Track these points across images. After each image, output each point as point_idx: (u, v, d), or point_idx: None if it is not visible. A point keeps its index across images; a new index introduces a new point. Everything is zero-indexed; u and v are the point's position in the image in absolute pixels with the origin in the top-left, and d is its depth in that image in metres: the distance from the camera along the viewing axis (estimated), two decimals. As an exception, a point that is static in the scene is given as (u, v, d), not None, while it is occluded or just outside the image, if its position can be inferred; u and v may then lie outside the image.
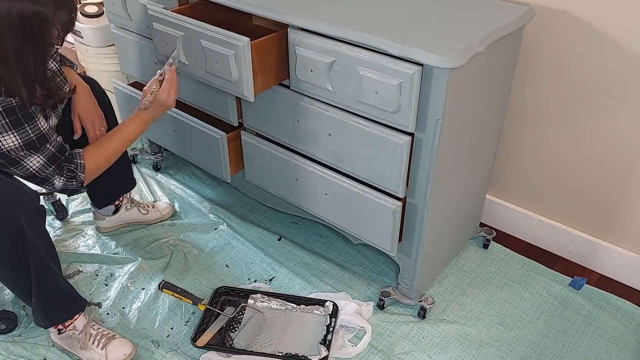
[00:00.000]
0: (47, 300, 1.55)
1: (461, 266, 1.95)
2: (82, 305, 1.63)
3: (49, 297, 1.55)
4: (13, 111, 1.34)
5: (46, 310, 1.57)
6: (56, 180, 1.46)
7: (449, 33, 1.40)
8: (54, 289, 1.55)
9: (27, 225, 1.42)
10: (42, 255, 1.48)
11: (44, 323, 1.60)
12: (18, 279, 1.50)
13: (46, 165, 1.43)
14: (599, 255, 1.91)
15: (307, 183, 1.75)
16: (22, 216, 1.41)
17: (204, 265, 1.95)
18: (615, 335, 1.72)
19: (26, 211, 1.43)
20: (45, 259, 1.49)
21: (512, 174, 2.00)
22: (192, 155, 2.03)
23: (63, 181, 1.47)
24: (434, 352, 1.67)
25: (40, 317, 1.58)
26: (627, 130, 1.68)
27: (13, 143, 1.36)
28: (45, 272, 1.50)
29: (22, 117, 1.36)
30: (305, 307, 1.76)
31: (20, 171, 1.43)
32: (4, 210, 1.38)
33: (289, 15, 1.50)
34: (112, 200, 2.02)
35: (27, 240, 1.43)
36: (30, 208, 1.44)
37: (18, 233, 1.41)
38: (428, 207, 1.54)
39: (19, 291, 1.56)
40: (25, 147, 1.38)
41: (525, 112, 1.86)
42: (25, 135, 1.37)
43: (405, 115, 1.40)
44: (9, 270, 1.49)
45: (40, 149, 1.41)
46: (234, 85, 1.55)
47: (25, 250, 1.44)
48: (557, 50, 1.70)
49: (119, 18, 2.03)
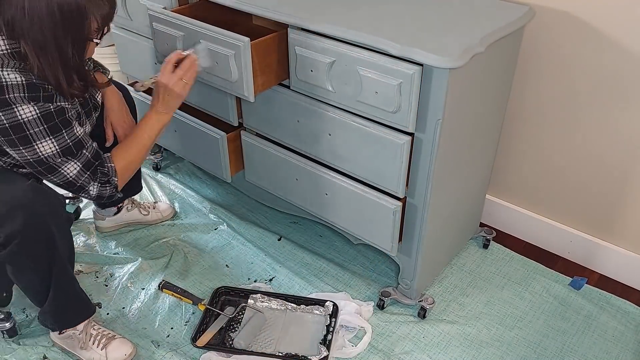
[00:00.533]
0: (61, 305, 1.54)
1: (461, 266, 1.95)
2: (92, 311, 1.63)
3: (65, 302, 1.54)
4: (51, 117, 1.32)
5: (58, 315, 1.56)
6: (91, 187, 1.43)
7: (449, 33, 1.40)
8: (71, 295, 1.55)
9: (57, 232, 1.40)
10: (65, 262, 1.47)
11: (53, 326, 1.59)
12: (38, 283, 1.48)
13: (82, 171, 1.40)
14: (599, 255, 1.91)
15: (307, 183, 1.75)
16: (54, 224, 1.39)
17: (204, 265, 1.95)
18: (615, 335, 1.72)
19: (57, 218, 1.41)
20: (67, 266, 1.49)
21: (512, 174, 2.00)
22: (192, 155, 2.03)
23: (98, 187, 1.44)
24: (434, 352, 1.67)
25: (50, 320, 1.57)
26: (627, 130, 1.69)
27: (50, 149, 1.34)
28: (65, 278, 1.50)
29: (60, 122, 1.34)
30: (305, 307, 1.76)
31: (58, 178, 1.39)
32: (37, 217, 1.36)
33: (288, 15, 1.49)
34: (118, 203, 2.02)
35: (57, 248, 1.42)
36: (61, 215, 1.43)
37: (49, 240, 1.40)
38: (428, 207, 1.54)
39: (35, 294, 1.53)
40: (63, 153, 1.36)
41: (525, 112, 1.86)
42: (63, 141, 1.35)
43: (405, 115, 1.40)
44: (32, 274, 1.46)
45: (77, 154, 1.39)
46: (234, 85, 1.55)
47: (52, 256, 1.43)
48: (557, 50, 1.70)
49: (119, 18, 2.03)
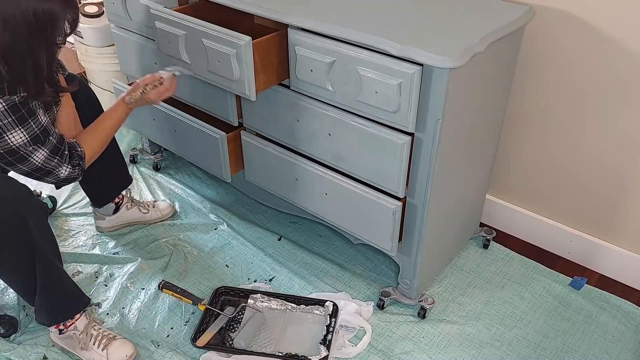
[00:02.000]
0: (50, 298, 1.55)
1: (461, 266, 1.95)
2: (86, 302, 1.63)
3: (53, 294, 1.55)
4: (17, 108, 1.36)
5: (49, 308, 1.57)
6: (62, 170, 1.48)
7: (449, 33, 1.40)
8: (58, 287, 1.55)
9: (33, 223, 1.42)
10: (47, 253, 1.48)
11: (48, 321, 1.59)
12: (23, 277, 1.50)
13: (50, 157, 1.45)
14: (599, 255, 1.91)
15: (307, 183, 1.75)
16: (28, 214, 1.41)
17: (204, 265, 1.95)
18: (615, 335, 1.72)
19: (32, 209, 1.43)
20: (50, 256, 1.50)
21: (512, 174, 2.00)
22: (192, 155, 2.03)
23: (69, 170, 1.50)
24: (434, 352, 1.66)
25: (43, 315, 1.58)
26: (627, 130, 1.69)
27: (21, 139, 1.38)
28: (50, 270, 1.51)
29: (26, 112, 1.38)
30: (305, 307, 1.76)
31: (27, 166, 1.43)
32: (10, 208, 1.39)
33: (288, 15, 1.50)
34: (111, 197, 2.02)
35: (34, 238, 1.44)
36: (35, 205, 1.45)
37: (24, 231, 1.42)
38: (428, 207, 1.54)
39: (23, 290, 1.56)
40: (32, 141, 1.40)
41: (525, 112, 1.86)
42: (31, 130, 1.39)
43: (405, 115, 1.40)
44: (14, 268, 1.49)
45: (45, 142, 1.43)
46: (236, 84, 1.55)
47: (31, 248, 1.44)
48: (557, 50, 1.70)
49: (119, 18, 2.03)
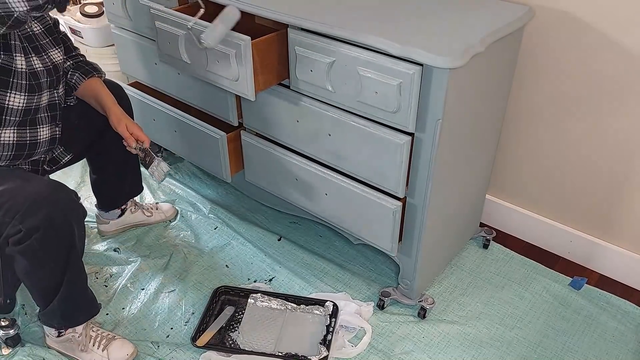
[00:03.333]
0: (69, 304, 1.53)
1: (461, 266, 1.95)
2: (98, 309, 1.62)
3: (73, 301, 1.53)
4: None
5: (65, 313, 1.54)
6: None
7: (449, 33, 1.40)
8: (80, 293, 1.54)
9: (76, 227, 1.41)
10: (80, 259, 1.47)
11: (58, 325, 1.57)
12: (50, 280, 1.47)
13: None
14: (599, 255, 1.91)
15: (307, 183, 1.75)
16: (74, 219, 1.39)
17: (204, 265, 1.95)
18: (615, 335, 1.72)
19: (76, 214, 1.41)
20: (81, 264, 1.49)
21: (512, 174, 2.00)
22: (192, 155, 2.03)
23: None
24: (434, 352, 1.66)
25: (55, 319, 1.55)
26: (627, 130, 1.69)
27: None
28: (78, 276, 1.50)
29: None
30: (305, 307, 1.76)
31: None
32: (59, 211, 1.35)
33: (288, 15, 1.49)
34: (120, 203, 2.02)
35: (74, 245, 1.42)
36: (79, 211, 1.43)
37: (69, 236, 1.40)
38: (428, 207, 1.54)
39: (43, 292, 1.50)
40: None
41: (525, 112, 1.86)
42: None
43: (405, 115, 1.40)
44: (46, 271, 1.44)
45: None
46: (235, 84, 1.55)
47: (69, 253, 1.42)
48: (557, 50, 1.70)
49: (119, 18, 2.03)
